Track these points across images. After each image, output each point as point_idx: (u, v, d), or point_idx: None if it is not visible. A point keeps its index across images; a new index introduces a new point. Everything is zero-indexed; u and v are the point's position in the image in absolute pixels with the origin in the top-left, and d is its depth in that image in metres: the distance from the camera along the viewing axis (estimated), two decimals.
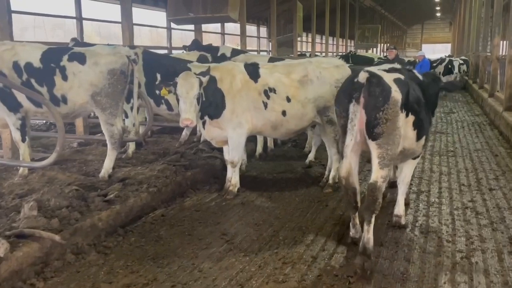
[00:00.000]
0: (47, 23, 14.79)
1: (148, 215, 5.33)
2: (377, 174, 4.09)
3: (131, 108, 6.90)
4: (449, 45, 60.65)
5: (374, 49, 41.34)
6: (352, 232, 4.65)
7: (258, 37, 30.10)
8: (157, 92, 5.64)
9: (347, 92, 4.14)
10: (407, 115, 4.18)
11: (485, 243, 4.63)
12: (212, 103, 5.75)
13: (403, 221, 5.06)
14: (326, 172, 6.65)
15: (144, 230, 4.96)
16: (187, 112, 5.31)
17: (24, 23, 14.94)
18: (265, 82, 5.97)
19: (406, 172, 5.07)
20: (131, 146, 7.04)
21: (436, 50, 62.36)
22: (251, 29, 30.11)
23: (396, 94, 4.05)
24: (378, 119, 3.97)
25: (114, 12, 16.19)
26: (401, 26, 64.72)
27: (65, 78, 5.56)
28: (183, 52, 10.08)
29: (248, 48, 28.83)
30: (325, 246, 4.59)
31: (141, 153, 7.33)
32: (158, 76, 6.81)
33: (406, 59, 22.33)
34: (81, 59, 5.62)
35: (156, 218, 5.28)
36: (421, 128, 4.45)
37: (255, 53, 28.63)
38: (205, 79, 5.53)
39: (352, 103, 4.01)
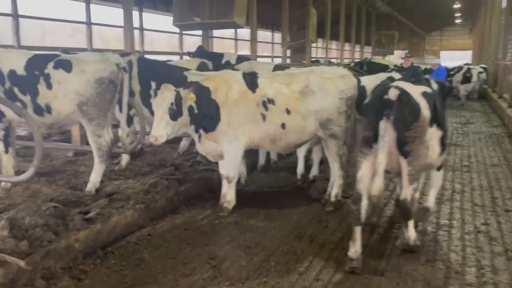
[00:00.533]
0: (67, 28, 14.72)
1: (133, 234, 4.98)
2: (407, 191, 4.26)
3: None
4: (468, 53, 59.47)
5: (391, 55, 40.67)
6: (351, 252, 4.22)
7: (272, 43, 29.81)
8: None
9: (377, 108, 4.14)
10: (434, 128, 4.31)
11: (498, 275, 4.17)
12: (206, 116, 5.43)
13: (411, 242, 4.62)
14: (329, 189, 6.23)
15: (126, 251, 4.61)
16: (154, 128, 5.08)
17: (44, 27, 15.02)
18: (263, 92, 5.58)
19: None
20: (125, 157, 6.72)
21: (455, 57, 61.13)
22: (265, 35, 29.87)
23: (425, 111, 4.16)
24: (409, 137, 4.06)
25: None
26: (419, 33, 63.69)
27: (49, 86, 5.27)
28: (190, 57, 9.84)
29: (262, 54, 28.83)
30: (319, 275, 4.18)
31: (136, 164, 7.01)
32: (153, 84, 6.49)
33: (423, 67, 21.76)
34: (67, 66, 5.33)
35: (142, 238, 4.93)
36: (444, 141, 4.56)
37: (269, 59, 28.39)
38: (185, 93, 5.20)
39: (383, 120, 4.04)
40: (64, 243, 4.16)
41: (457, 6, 44.95)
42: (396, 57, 41.08)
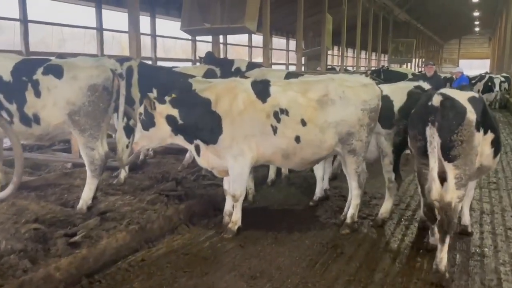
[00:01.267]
0: (86, 35, 14.48)
1: (125, 259, 4.47)
2: (453, 195, 4.15)
3: (124, 128, 6.13)
4: (487, 61, 58.31)
5: (409, 64, 39.84)
6: (431, 239, 4.75)
7: (287, 50, 29.31)
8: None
9: (422, 115, 4.28)
10: (485, 133, 4.26)
11: None
12: (203, 128, 4.96)
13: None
14: (345, 209, 5.65)
15: (115, 280, 4.09)
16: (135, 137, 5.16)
17: (64, 34, 14.83)
18: (275, 102, 5.00)
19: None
20: (124, 170, 6.23)
21: (473, 66, 59.99)
22: (280, 42, 29.39)
23: (471, 114, 4.11)
24: (453, 141, 4.07)
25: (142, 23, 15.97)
26: (437, 41, 62.69)
27: (38, 94, 4.81)
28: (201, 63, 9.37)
29: (277, 61, 28.34)
30: None
31: (137, 177, 6.52)
32: (155, 91, 6.00)
33: (442, 75, 21.05)
34: (57, 72, 4.86)
35: (134, 264, 4.40)
36: (498, 145, 4.51)
37: (284, 67, 27.88)
38: (160, 107, 4.90)
39: (428, 127, 4.14)
40: (42, 272, 3.66)
41: (476, 14, 44.00)
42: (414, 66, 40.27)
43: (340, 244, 4.99)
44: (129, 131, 6.10)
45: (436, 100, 4.13)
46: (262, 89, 5.08)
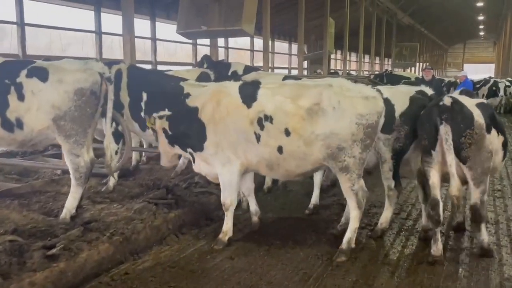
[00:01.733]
0: (90, 39, 14.36)
1: (108, 272, 4.23)
2: (476, 195, 4.55)
3: (113, 134, 5.90)
4: (492, 66, 57.97)
5: (413, 68, 39.56)
6: (433, 250, 4.61)
7: (290, 54, 29.13)
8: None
9: (435, 114, 4.45)
10: (497, 135, 4.57)
11: None
12: (188, 135, 4.85)
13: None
14: (342, 219, 5.39)
15: None
16: None
17: (68, 38, 14.86)
18: (260, 107, 4.64)
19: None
20: (113, 177, 6.00)
21: (478, 70, 59.63)
22: (283, 46, 29.20)
23: (480, 119, 4.38)
24: (464, 143, 4.32)
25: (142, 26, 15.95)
26: (441, 45, 62.38)
27: (21, 97, 4.59)
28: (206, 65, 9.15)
29: (279, 65, 28.14)
30: None
31: (127, 185, 6.29)
32: (144, 95, 5.79)
33: (446, 79, 20.80)
34: (42, 75, 4.64)
35: (117, 277, 4.16)
36: (505, 148, 4.80)
37: (286, 71, 27.68)
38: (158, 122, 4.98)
39: (442, 125, 4.34)
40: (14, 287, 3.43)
41: (481, 18, 43.73)
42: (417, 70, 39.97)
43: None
44: (118, 136, 5.88)
45: (447, 100, 4.46)
46: (249, 93, 4.75)
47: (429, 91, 5.41)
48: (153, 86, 5.82)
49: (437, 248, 4.58)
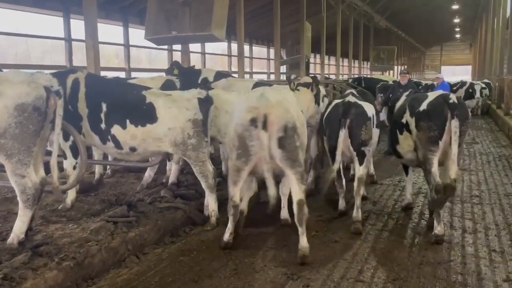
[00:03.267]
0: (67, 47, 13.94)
1: None
2: (458, 172, 5.30)
3: (70, 147, 5.55)
4: (469, 67, 58.77)
5: (391, 71, 39.74)
6: (437, 230, 5.25)
7: (268, 59, 28.94)
8: None
9: (445, 111, 5.14)
10: None
11: None
12: None
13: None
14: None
15: None
16: None
17: (44, 46, 14.62)
18: None
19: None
20: (71, 194, 5.61)
21: (456, 72, 60.42)
22: (261, 50, 28.98)
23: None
24: (463, 131, 5.18)
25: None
26: (419, 48, 63.03)
27: None
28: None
29: (259, 70, 27.90)
30: None
31: (87, 201, 5.91)
32: (104, 106, 5.43)
33: (424, 82, 20.80)
34: None
35: None
36: None
37: (265, 76, 27.45)
38: None
39: (454, 119, 5.03)
40: None
41: (456, 20, 44.24)
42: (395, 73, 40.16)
43: (307, 275, 4.44)
44: (76, 151, 5.49)
45: (454, 98, 5.23)
46: None
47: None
48: (113, 96, 5.46)
49: (441, 228, 5.24)
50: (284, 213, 5.85)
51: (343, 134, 5.52)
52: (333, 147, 5.64)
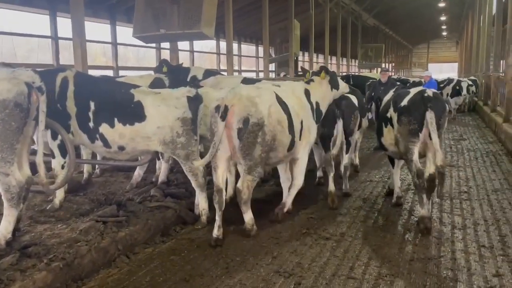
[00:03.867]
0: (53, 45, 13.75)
1: None
2: (444, 160, 5.56)
3: (58, 146, 5.48)
4: (455, 65, 59.26)
5: (379, 69, 39.93)
6: (422, 212, 5.56)
7: (257, 57, 28.88)
8: None
9: (421, 104, 5.47)
10: None
11: None
12: None
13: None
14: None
15: None
16: None
17: (30, 44, 14.30)
18: None
19: None
20: (59, 194, 5.54)
21: (443, 70, 60.90)
22: (250, 48, 28.92)
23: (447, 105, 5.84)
24: (442, 124, 5.52)
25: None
26: (406, 45, 63.39)
27: None
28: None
29: (248, 68, 27.84)
30: None
31: (76, 201, 5.84)
32: (92, 104, 5.37)
33: (412, 79, 20.91)
34: None
35: None
36: None
37: (254, 74, 27.39)
38: None
39: (428, 111, 5.35)
40: None
41: (443, 18, 44.57)
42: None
43: (299, 273, 4.44)
44: (64, 150, 5.43)
45: (430, 92, 5.59)
46: None
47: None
48: (102, 94, 5.40)
49: (424, 210, 5.50)
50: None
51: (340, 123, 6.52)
52: (328, 135, 6.59)
